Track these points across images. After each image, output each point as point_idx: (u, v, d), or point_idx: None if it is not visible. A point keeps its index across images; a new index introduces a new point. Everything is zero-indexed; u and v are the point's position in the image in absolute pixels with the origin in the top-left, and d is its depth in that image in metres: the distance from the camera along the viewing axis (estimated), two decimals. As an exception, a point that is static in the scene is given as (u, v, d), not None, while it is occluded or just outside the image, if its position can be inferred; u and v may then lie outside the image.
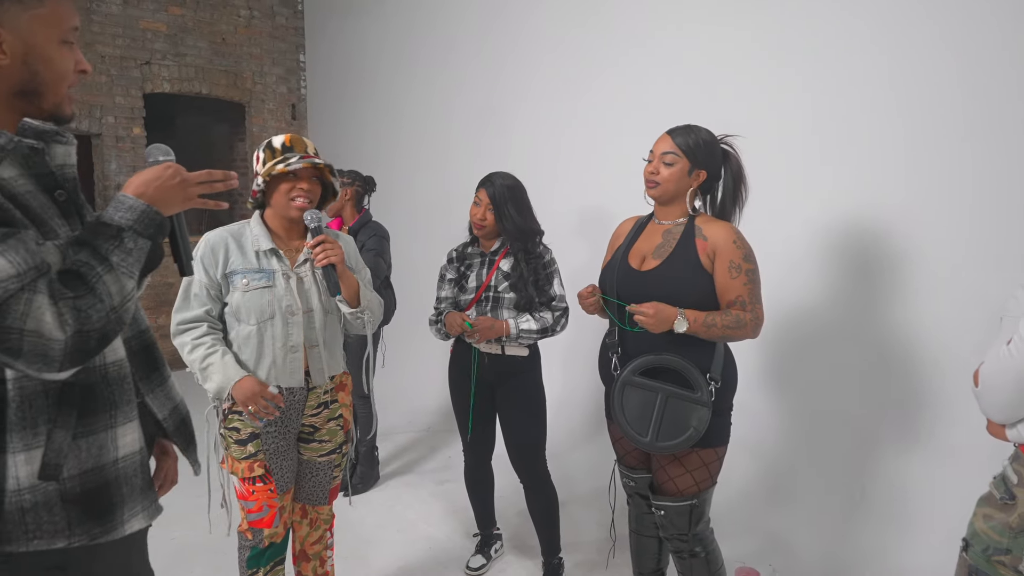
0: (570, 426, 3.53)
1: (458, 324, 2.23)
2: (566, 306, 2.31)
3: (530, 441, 2.34)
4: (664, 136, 1.82)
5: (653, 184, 1.81)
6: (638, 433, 1.78)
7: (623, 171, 3.24)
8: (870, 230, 2.45)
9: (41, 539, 0.97)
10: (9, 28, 0.94)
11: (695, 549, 1.89)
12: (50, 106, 1.02)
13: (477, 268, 2.34)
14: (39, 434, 0.97)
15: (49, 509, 0.97)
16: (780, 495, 2.72)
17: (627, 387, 1.80)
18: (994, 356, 1.26)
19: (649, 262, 1.84)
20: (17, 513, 0.95)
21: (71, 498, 1.00)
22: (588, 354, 3.50)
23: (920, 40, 2.29)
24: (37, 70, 0.99)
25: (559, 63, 3.67)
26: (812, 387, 2.67)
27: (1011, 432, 1.26)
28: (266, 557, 1.91)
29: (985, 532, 1.29)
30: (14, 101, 0.99)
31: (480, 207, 2.26)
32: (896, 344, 2.41)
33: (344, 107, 5.66)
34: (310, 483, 2.01)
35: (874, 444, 2.48)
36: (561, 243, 2.56)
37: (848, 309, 2.53)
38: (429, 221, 4.61)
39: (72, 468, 1.00)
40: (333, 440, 1.98)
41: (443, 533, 2.86)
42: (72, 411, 1.00)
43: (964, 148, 2.20)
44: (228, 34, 5.65)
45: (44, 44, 0.98)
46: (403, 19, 4.85)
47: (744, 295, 1.75)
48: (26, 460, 0.96)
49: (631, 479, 2.00)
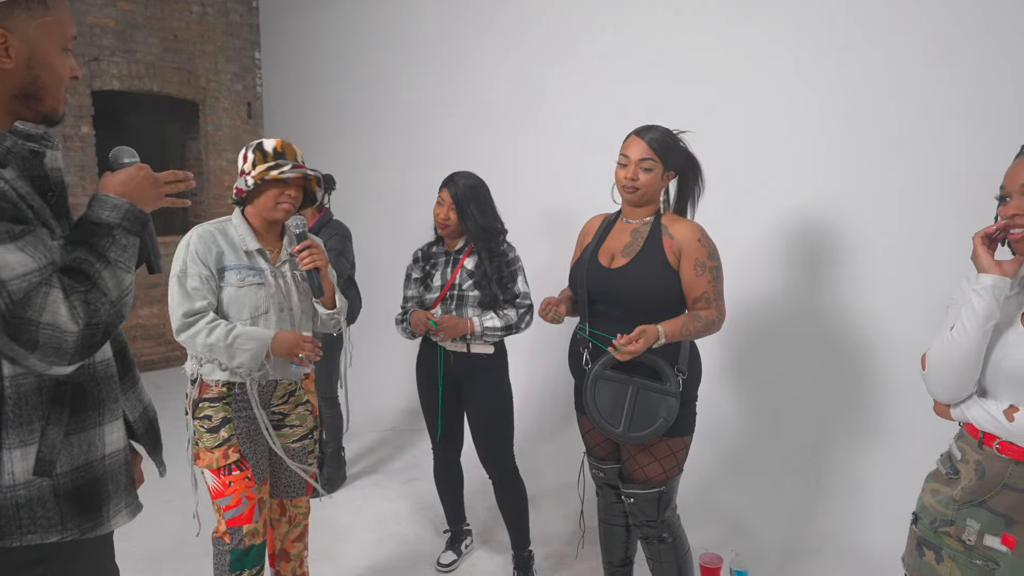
0: (537, 421, 3.58)
1: (423, 323, 2.24)
2: (530, 303, 2.34)
3: (498, 437, 2.37)
4: (637, 141, 1.83)
5: (632, 190, 1.83)
6: (611, 424, 1.83)
7: (586, 170, 3.31)
8: (823, 227, 2.55)
9: (35, 533, 0.99)
10: (17, 34, 0.99)
11: (663, 535, 1.95)
12: (47, 108, 1.06)
13: (442, 267, 2.36)
14: (34, 431, 0.99)
15: (43, 504, 1.00)
16: (741, 483, 2.81)
17: (599, 380, 1.85)
18: (939, 341, 1.34)
19: (618, 260, 1.88)
20: (12, 508, 0.97)
21: (63, 494, 1.02)
22: (553, 350, 3.56)
23: (867, 44, 2.40)
24: (39, 74, 1.03)
25: (522, 61, 3.70)
26: (770, 378, 2.77)
27: (955, 412, 1.35)
28: (251, 558, 1.88)
29: (932, 506, 1.38)
30: (11, 103, 1.03)
31: (443, 207, 2.28)
32: (848, 335, 2.52)
33: (302, 105, 5.59)
34: (287, 473, 2.02)
35: (828, 430, 2.59)
36: (525, 241, 2.60)
37: (803, 302, 2.63)
38: (393, 220, 4.59)
39: (64, 464, 1.02)
40: (304, 425, 2.01)
41: (413, 531, 2.87)
42: (64, 408, 1.02)
43: (914, 147, 2.30)
44: (180, 30, 5.52)
45: (47, 51, 1.03)
46: (362, 16, 4.82)
47: (709, 292, 1.82)
48: (21, 456, 0.98)
49: (600, 470, 2.05)
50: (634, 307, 1.84)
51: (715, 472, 2.86)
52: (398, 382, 4.31)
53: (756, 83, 2.71)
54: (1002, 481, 1.24)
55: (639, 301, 1.83)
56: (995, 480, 1.25)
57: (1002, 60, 2.09)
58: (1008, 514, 1.23)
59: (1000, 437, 1.25)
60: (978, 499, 1.28)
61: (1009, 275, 1.26)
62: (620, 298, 1.86)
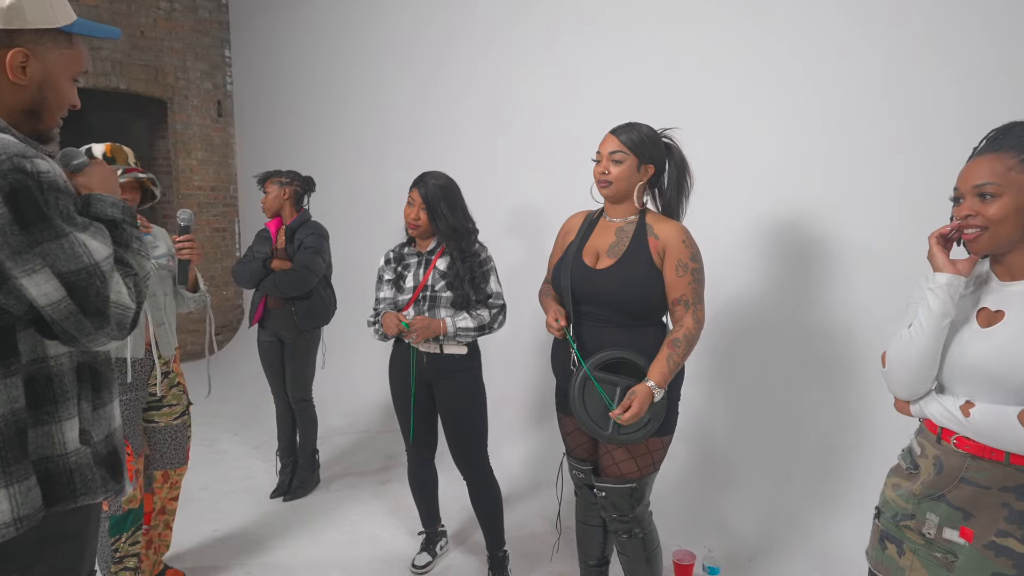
0: (511, 420, 3.58)
1: (394, 324, 2.23)
2: (503, 303, 2.34)
3: (471, 438, 2.37)
4: (609, 136, 1.85)
5: (605, 184, 1.85)
6: (599, 426, 1.82)
7: (561, 170, 3.33)
8: (796, 229, 2.59)
9: (86, 495, 1.12)
10: (39, 58, 1.12)
11: (634, 529, 1.97)
12: (44, 128, 1.17)
13: (414, 268, 2.35)
14: (73, 405, 1.12)
15: (89, 469, 1.13)
16: (715, 481, 2.85)
17: (588, 382, 1.84)
18: (897, 339, 1.37)
19: (604, 260, 1.87)
20: (66, 474, 1.10)
21: (100, 460, 1.16)
22: (526, 350, 3.57)
23: (851, 45, 2.43)
24: (46, 96, 1.14)
25: (497, 60, 3.69)
26: (743, 377, 2.81)
27: (914, 408, 1.38)
28: (128, 522, 2.13)
29: (893, 500, 1.41)
30: (15, 117, 1.13)
31: (413, 207, 2.28)
32: (818, 335, 2.56)
33: (273, 104, 5.52)
34: (170, 447, 2.31)
35: (800, 428, 2.63)
36: (497, 242, 2.59)
37: (776, 303, 2.67)
38: (367, 220, 4.56)
39: (97, 434, 1.17)
40: (180, 403, 2.32)
41: (387, 532, 2.86)
42: (88, 385, 1.16)
43: (892, 148, 2.33)
44: (147, 27, 5.41)
45: (59, 77, 1.15)
46: (334, 13, 4.77)
47: (688, 294, 1.81)
48: (69, 427, 1.11)
49: (580, 471, 2.05)
50: (619, 309, 1.84)
51: (689, 470, 2.89)
52: (374, 383, 4.28)
53: (739, 84, 2.74)
54: (960, 475, 1.27)
55: (625, 303, 1.83)
56: (953, 474, 1.28)
57: (1002, 59, 2.12)
58: (966, 508, 1.26)
59: (957, 432, 1.28)
60: (937, 493, 1.31)
61: (963, 274, 1.30)
62: (606, 299, 1.85)
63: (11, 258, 0.98)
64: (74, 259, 1.01)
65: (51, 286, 1.00)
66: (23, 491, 1.03)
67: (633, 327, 1.85)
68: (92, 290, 1.03)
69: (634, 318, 1.84)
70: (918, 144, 2.26)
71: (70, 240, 1.02)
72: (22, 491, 1.03)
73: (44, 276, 0.99)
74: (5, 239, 0.97)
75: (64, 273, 1.00)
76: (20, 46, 1.09)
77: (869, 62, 2.35)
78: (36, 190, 0.99)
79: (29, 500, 1.04)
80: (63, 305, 1.01)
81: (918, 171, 2.25)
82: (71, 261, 1.01)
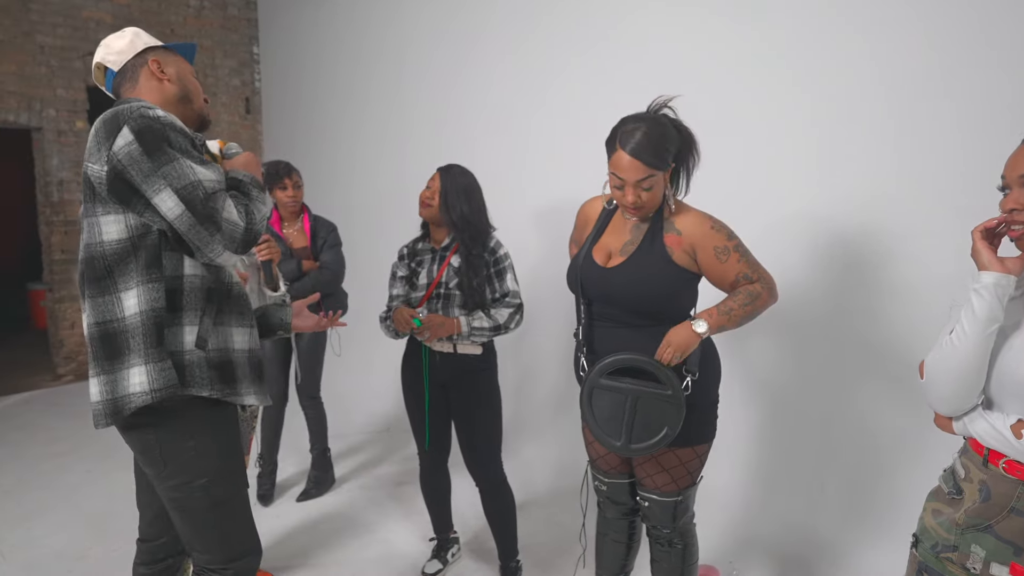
0: (527, 422, 3.48)
1: (406, 321, 2.15)
2: (519, 303, 2.24)
3: (485, 444, 2.28)
4: (631, 161, 1.60)
5: (638, 210, 1.67)
6: (610, 436, 1.70)
7: (582, 169, 3.20)
8: (836, 228, 2.43)
9: (193, 387, 1.40)
10: (166, 62, 1.55)
11: (674, 540, 1.85)
12: (199, 106, 1.60)
13: (428, 265, 2.27)
14: (197, 316, 1.42)
15: (200, 367, 1.41)
16: (742, 490, 2.71)
17: (595, 390, 1.71)
18: (937, 346, 1.23)
19: (615, 258, 1.75)
20: (181, 367, 1.38)
21: (212, 364, 1.43)
22: (542, 347, 3.47)
23: (908, 37, 2.26)
24: (186, 84, 1.57)
25: (521, 56, 3.59)
26: (776, 383, 2.66)
27: (957, 425, 1.23)
28: None
29: (933, 528, 1.27)
30: (178, 106, 1.54)
31: (430, 190, 2.22)
32: (857, 341, 2.40)
33: (300, 100, 5.51)
34: None
35: (835, 438, 2.48)
36: (516, 240, 2.50)
37: (814, 306, 2.51)
38: (389, 217, 4.50)
39: (213, 345, 1.45)
40: None
41: (399, 537, 2.79)
42: (213, 306, 1.45)
43: (940, 142, 2.16)
44: (177, 25, 5.45)
45: (186, 73, 1.59)
46: (360, 10, 4.73)
47: (743, 269, 1.67)
48: (189, 332, 1.40)
49: (604, 484, 1.94)
50: (631, 308, 1.72)
51: (715, 477, 2.74)
52: (392, 383, 4.21)
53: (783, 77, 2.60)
54: (1010, 504, 1.13)
55: (639, 302, 1.70)
56: (1002, 503, 1.14)
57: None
58: (1017, 542, 1.12)
59: (1007, 455, 1.13)
60: (983, 523, 1.16)
61: (1013, 272, 1.14)
62: (618, 299, 1.73)
63: (144, 181, 1.31)
64: (183, 176, 1.31)
65: (172, 201, 1.31)
66: (157, 369, 1.35)
67: (648, 327, 1.72)
68: (197, 200, 1.32)
69: (648, 318, 1.71)
70: (969, 136, 2.09)
71: (180, 163, 1.32)
72: (156, 369, 1.34)
73: (167, 194, 1.31)
74: (139, 166, 1.31)
75: (178, 188, 1.31)
76: (151, 58, 1.53)
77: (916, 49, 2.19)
78: (158, 128, 1.32)
79: (163, 376, 1.35)
80: (184, 218, 1.32)
81: (972, 164, 2.08)
82: (181, 178, 1.31)
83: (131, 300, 1.35)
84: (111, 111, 1.35)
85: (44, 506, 3.03)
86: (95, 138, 1.34)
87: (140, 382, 1.34)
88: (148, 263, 1.36)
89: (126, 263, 1.35)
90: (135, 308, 1.35)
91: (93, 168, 1.34)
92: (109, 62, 1.52)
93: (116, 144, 1.31)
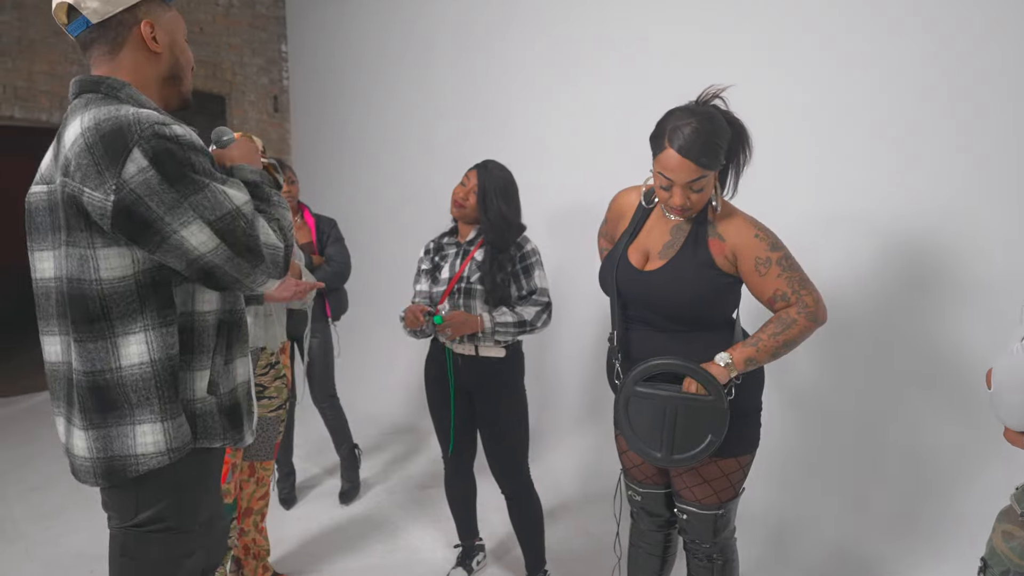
0: (556, 425, 3.39)
1: (415, 316, 2.04)
2: (548, 301, 2.15)
3: (511, 451, 2.20)
4: (682, 161, 1.48)
5: (683, 212, 1.57)
6: (650, 448, 1.60)
7: (611, 166, 3.11)
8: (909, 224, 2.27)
9: (206, 439, 1.23)
10: (160, 25, 1.22)
11: (713, 555, 1.74)
12: (185, 90, 1.31)
13: (451, 259, 2.20)
14: (208, 357, 1.23)
15: (212, 417, 1.24)
16: (778, 500, 2.58)
17: (632, 398, 1.60)
18: (1008, 354, 1.12)
19: (654, 261, 1.64)
20: (191, 418, 1.21)
21: (223, 410, 1.27)
22: (575, 347, 3.38)
23: (969, 30, 2.12)
24: (178, 57, 1.27)
25: (548, 54, 3.51)
26: (819, 387, 2.53)
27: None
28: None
29: (1005, 553, 1.16)
30: (162, 88, 1.26)
31: (466, 188, 2.14)
32: (911, 344, 2.27)
33: (328, 98, 5.49)
34: (259, 439, 2.21)
35: (883, 450, 2.34)
36: (543, 237, 2.42)
37: (864, 308, 2.38)
38: (415, 217, 4.45)
39: (224, 387, 1.27)
40: (280, 396, 2.24)
41: (424, 543, 2.72)
42: (224, 341, 1.27)
43: (1011, 139, 2.02)
44: (206, 23, 5.47)
45: (179, 37, 1.28)
46: (388, 7, 4.69)
47: (781, 287, 1.55)
48: (200, 377, 1.22)
49: (637, 494, 1.84)
50: (672, 314, 1.62)
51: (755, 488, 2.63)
52: (418, 384, 4.17)
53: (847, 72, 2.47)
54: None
55: (678, 308, 1.59)
56: (1088, 529, 1.03)
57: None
58: (1106, 573, 1.01)
59: (1095, 477, 1.02)
60: (1067, 551, 1.05)
61: None
62: (655, 304, 1.62)
63: (168, 213, 1.10)
64: (218, 206, 1.13)
65: (205, 235, 1.12)
66: (175, 427, 1.18)
67: (686, 333, 1.62)
68: (239, 231, 1.15)
69: (687, 323, 1.61)
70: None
71: (211, 189, 1.13)
72: (174, 427, 1.18)
73: (198, 226, 1.11)
74: (160, 197, 1.09)
75: (212, 220, 1.12)
76: (143, 19, 1.20)
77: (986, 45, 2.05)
78: (177, 151, 1.11)
79: (180, 434, 1.18)
80: (220, 251, 1.13)
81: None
82: (216, 208, 1.13)
83: (133, 348, 1.15)
84: (109, 122, 1.09)
85: (68, 505, 3.03)
86: (90, 156, 1.08)
87: (155, 442, 1.16)
88: (160, 304, 1.16)
89: (128, 304, 1.14)
90: (143, 357, 1.15)
91: (92, 196, 1.08)
92: (87, 9, 1.16)
93: (127, 171, 1.07)
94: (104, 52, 1.20)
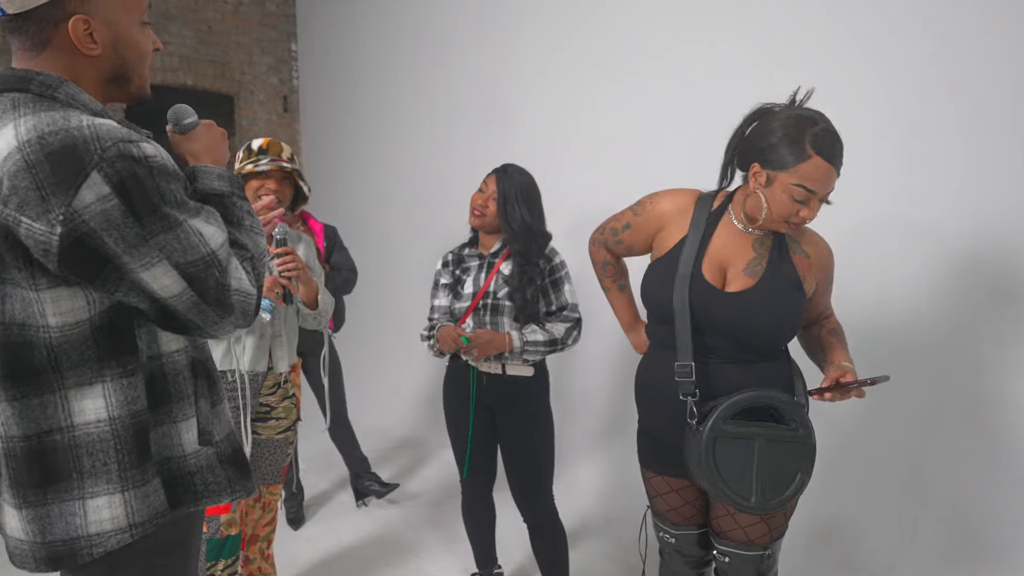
0: (579, 443, 3.23)
1: (453, 339, 1.93)
2: (578, 317, 2.02)
3: (534, 474, 2.05)
4: (829, 170, 1.36)
5: (802, 223, 1.43)
6: (740, 496, 1.40)
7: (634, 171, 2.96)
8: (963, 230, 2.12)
9: (209, 498, 1.06)
10: (99, 18, 0.97)
11: None
12: (136, 89, 1.07)
13: (474, 272, 2.05)
14: (191, 404, 1.06)
15: (212, 471, 1.07)
16: (813, 520, 2.42)
17: (719, 440, 1.40)
18: None
19: (739, 280, 1.46)
20: (186, 476, 1.04)
21: (225, 459, 1.10)
22: (600, 361, 3.21)
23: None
24: (125, 55, 1.02)
25: (566, 55, 3.36)
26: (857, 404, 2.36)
27: None
28: (227, 549, 1.92)
29: None
30: (105, 88, 1.04)
31: (484, 194, 2.01)
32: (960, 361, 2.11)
33: (339, 98, 5.37)
34: (266, 462, 2.08)
35: (927, 468, 2.18)
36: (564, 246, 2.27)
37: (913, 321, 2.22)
38: (427, 221, 4.31)
39: (219, 433, 1.10)
40: (288, 417, 2.10)
41: (437, 568, 2.57)
42: (204, 381, 1.09)
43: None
44: (215, 22, 5.35)
45: (128, 28, 1.02)
46: (402, 3, 4.56)
47: (829, 304, 1.61)
48: (186, 428, 1.05)
49: (671, 536, 1.67)
50: (753, 342, 1.45)
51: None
52: (433, 394, 4.02)
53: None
54: None
55: (762, 333, 1.44)
56: None
57: None
58: None
59: None
60: None
61: None
62: (742, 329, 1.45)
63: (128, 252, 0.91)
64: (191, 249, 0.95)
65: (170, 279, 0.94)
66: (140, 496, 0.98)
67: (755, 363, 1.46)
68: (211, 280, 0.97)
69: (756, 352, 1.46)
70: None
71: (184, 229, 0.95)
72: (139, 496, 0.98)
73: (162, 269, 0.93)
74: (121, 233, 0.90)
75: (182, 264, 0.94)
76: (74, 13, 0.95)
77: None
78: (146, 177, 0.92)
79: (147, 505, 0.99)
80: (185, 297, 0.96)
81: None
82: (188, 252, 0.95)
83: (88, 402, 0.96)
84: (57, 136, 0.88)
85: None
86: (31, 178, 0.86)
87: (113, 517, 0.96)
88: (121, 349, 0.97)
89: (82, 352, 0.95)
90: (101, 414, 0.96)
91: (32, 228, 0.88)
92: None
93: (81, 199, 0.87)
94: (26, 48, 0.97)
